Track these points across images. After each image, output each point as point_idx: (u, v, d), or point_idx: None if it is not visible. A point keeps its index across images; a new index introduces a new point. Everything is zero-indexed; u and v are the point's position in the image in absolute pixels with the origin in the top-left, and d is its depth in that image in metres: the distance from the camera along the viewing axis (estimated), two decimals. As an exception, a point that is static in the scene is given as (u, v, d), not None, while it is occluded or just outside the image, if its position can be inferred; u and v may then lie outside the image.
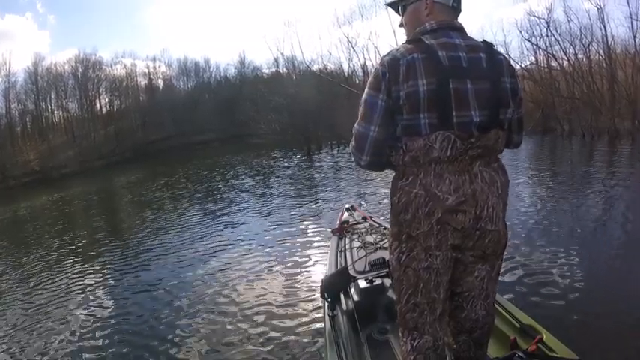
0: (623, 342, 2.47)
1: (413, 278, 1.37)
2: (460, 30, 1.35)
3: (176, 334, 3.36)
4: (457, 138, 1.25)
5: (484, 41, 1.37)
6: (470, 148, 1.27)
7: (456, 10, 1.39)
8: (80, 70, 33.37)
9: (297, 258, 4.68)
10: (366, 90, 1.33)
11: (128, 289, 4.62)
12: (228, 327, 3.34)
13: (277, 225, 6.35)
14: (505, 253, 1.46)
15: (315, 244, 5.08)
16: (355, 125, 1.37)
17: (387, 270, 2.43)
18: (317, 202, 7.78)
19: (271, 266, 4.54)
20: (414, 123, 1.27)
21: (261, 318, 3.41)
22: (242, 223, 6.82)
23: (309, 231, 5.74)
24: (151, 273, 5.03)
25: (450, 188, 1.27)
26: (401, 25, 1.48)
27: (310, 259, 4.62)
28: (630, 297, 3.01)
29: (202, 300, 3.95)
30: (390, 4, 1.50)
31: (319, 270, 4.12)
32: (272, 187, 10.29)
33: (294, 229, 5.97)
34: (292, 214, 6.98)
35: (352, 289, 2.39)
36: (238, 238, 5.93)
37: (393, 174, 1.41)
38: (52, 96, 33.51)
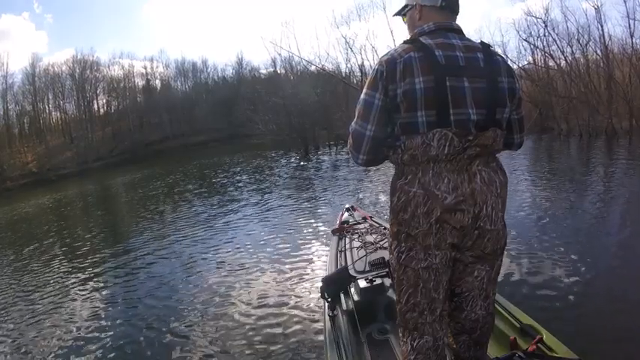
0: (623, 342, 2.48)
1: (413, 278, 1.37)
2: (458, 31, 1.37)
3: (175, 333, 3.35)
4: (455, 135, 1.26)
5: (482, 42, 1.38)
6: (468, 146, 1.27)
7: (449, 9, 1.39)
8: (77, 70, 33.37)
9: (297, 258, 4.67)
10: (364, 90, 1.36)
11: (127, 288, 4.61)
12: (228, 327, 3.33)
13: (277, 226, 6.33)
14: (504, 252, 1.46)
15: (315, 244, 5.07)
16: (352, 124, 1.40)
17: (387, 270, 2.43)
18: (316, 203, 7.77)
19: (271, 267, 4.53)
20: (411, 121, 1.28)
21: (261, 318, 3.40)
22: (241, 224, 6.81)
23: (308, 231, 5.74)
24: (149, 272, 5.02)
25: (448, 187, 1.28)
26: None
27: (310, 259, 4.61)
28: (630, 297, 3.01)
29: (201, 300, 3.94)
30: (396, 15, 1.55)
31: (319, 270, 4.13)
32: (271, 188, 10.28)
33: (294, 229, 5.96)
34: (292, 215, 6.97)
35: (352, 289, 2.40)
36: (237, 238, 5.93)
37: (393, 173, 1.42)
38: (50, 97, 33.52)
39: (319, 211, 7.00)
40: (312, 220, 6.35)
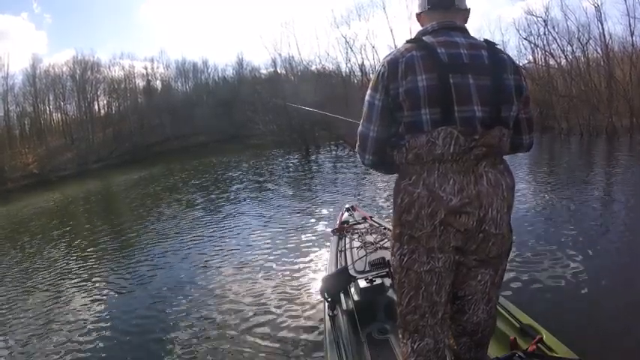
0: (623, 342, 2.48)
1: (415, 281, 1.35)
2: (462, 30, 1.36)
3: (175, 333, 3.35)
4: (460, 134, 1.24)
5: (486, 40, 1.36)
6: (474, 146, 1.25)
7: (442, 8, 1.38)
8: (78, 71, 33.29)
9: (297, 258, 4.67)
10: (367, 91, 1.36)
11: (127, 288, 4.61)
12: (228, 326, 3.34)
13: (277, 225, 6.33)
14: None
15: (315, 244, 5.07)
16: (359, 126, 1.41)
17: (387, 270, 2.43)
18: (316, 202, 7.76)
19: (271, 267, 4.54)
20: (415, 119, 1.27)
21: (261, 318, 3.41)
22: (241, 224, 6.80)
23: (308, 231, 5.73)
24: (149, 272, 5.02)
25: (454, 189, 1.25)
26: None
27: (310, 259, 4.61)
28: (631, 296, 3.01)
29: (202, 300, 3.94)
30: None
31: (319, 270, 4.13)
32: (271, 188, 10.27)
33: (294, 229, 5.95)
34: (292, 215, 6.97)
35: (352, 289, 2.40)
36: (237, 239, 5.92)
37: (395, 174, 1.41)
38: (50, 98, 33.50)
39: (319, 210, 6.99)
40: (313, 220, 6.35)
